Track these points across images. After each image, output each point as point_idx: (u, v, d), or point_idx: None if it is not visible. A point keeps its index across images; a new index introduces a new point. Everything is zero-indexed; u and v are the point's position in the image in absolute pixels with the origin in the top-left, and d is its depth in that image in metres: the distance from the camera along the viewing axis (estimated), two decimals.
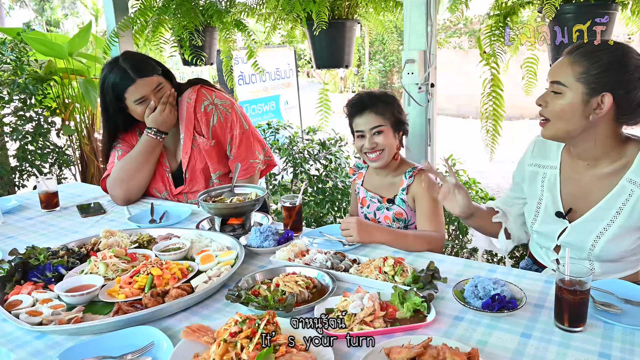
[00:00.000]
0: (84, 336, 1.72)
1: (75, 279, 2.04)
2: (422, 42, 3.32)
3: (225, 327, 1.53)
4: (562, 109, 2.05)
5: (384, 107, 2.74)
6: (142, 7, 4.26)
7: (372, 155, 2.74)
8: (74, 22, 29.35)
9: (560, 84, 2.04)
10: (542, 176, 2.36)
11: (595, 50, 2.01)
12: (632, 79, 1.97)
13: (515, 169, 2.53)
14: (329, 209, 4.87)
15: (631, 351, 1.55)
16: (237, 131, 3.19)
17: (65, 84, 5.63)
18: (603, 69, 1.97)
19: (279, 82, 7.92)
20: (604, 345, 1.58)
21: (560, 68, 2.06)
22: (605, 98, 1.98)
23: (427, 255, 2.33)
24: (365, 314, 1.69)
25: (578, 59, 2.02)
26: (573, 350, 1.56)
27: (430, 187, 2.47)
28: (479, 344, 1.61)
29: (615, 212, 2.09)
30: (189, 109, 3.15)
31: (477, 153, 3.32)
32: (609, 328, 1.67)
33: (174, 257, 2.25)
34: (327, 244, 2.44)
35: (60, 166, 5.76)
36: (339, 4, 3.81)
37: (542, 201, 2.34)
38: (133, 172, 3.12)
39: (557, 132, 2.11)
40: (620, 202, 2.09)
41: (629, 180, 2.07)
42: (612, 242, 2.11)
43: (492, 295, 1.78)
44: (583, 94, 2.00)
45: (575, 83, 2.01)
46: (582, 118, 2.03)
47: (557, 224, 2.27)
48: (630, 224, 2.08)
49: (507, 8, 3.22)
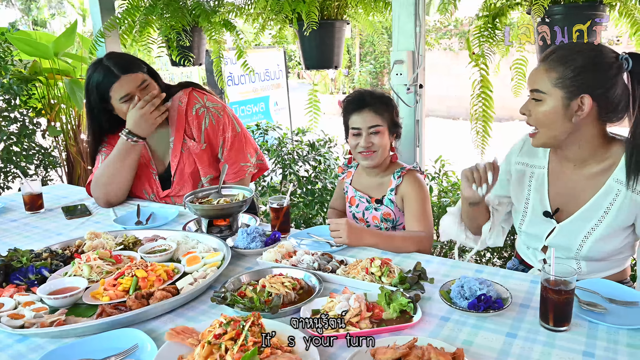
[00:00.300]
0: (66, 339, 1.71)
1: (58, 282, 2.02)
2: (410, 43, 3.32)
3: (210, 329, 1.53)
4: (545, 116, 2.08)
5: (383, 108, 2.74)
6: (129, 7, 4.22)
7: (366, 154, 2.73)
8: (61, 21, 29.17)
9: (539, 92, 2.08)
10: (529, 176, 2.37)
11: (568, 54, 2.04)
12: (608, 77, 2.00)
13: (502, 164, 2.52)
14: (318, 210, 4.87)
15: (615, 350, 1.55)
16: (229, 134, 3.17)
17: (50, 85, 5.59)
18: (578, 71, 2.00)
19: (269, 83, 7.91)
20: (588, 345, 1.58)
21: (537, 76, 2.10)
22: (585, 99, 2.01)
23: (414, 256, 2.33)
24: (351, 315, 1.69)
25: (552, 65, 2.06)
26: (558, 349, 1.57)
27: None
28: (465, 344, 1.61)
29: (603, 212, 2.12)
30: (180, 111, 3.13)
31: (467, 154, 3.31)
32: (594, 327, 1.67)
33: (159, 258, 2.24)
34: (314, 245, 2.43)
35: (46, 167, 5.71)
36: (328, 5, 3.80)
37: (529, 202, 2.35)
38: (111, 176, 3.06)
39: (547, 139, 2.14)
40: (607, 202, 2.11)
41: (616, 180, 2.09)
42: (600, 242, 2.13)
43: (478, 295, 1.78)
44: (563, 99, 2.03)
45: (553, 89, 2.05)
46: (566, 122, 2.06)
47: (545, 225, 2.28)
48: (617, 224, 2.10)
49: (496, 9, 3.22)
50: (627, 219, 2.10)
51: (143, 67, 3.01)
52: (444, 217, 2.68)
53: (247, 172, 3.22)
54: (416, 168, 2.80)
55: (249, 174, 3.23)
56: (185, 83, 3.28)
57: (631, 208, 2.07)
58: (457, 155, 4.83)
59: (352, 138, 2.76)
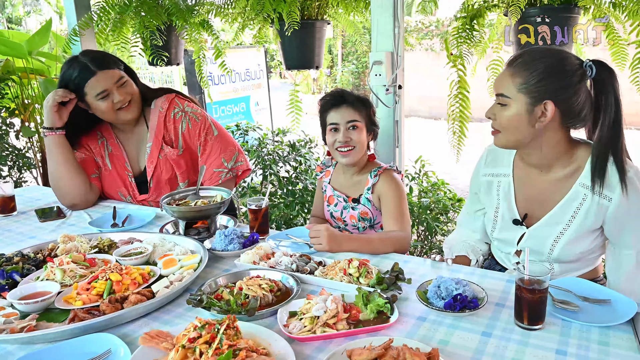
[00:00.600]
0: (37, 345, 1.69)
1: (29, 286, 1.99)
2: (389, 44, 3.33)
3: (184, 333, 1.52)
4: (509, 120, 2.10)
5: (361, 105, 2.76)
6: (104, 5, 4.19)
7: (343, 150, 2.73)
8: (37, 19, 28.84)
9: (504, 96, 2.09)
10: (496, 185, 2.40)
11: (532, 59, 2.06)
12: (571, 83, 2.02)
13: (471, 180, 2.57)
14: (299, 211, 4.87)
15: (587, 347, 1.58)
16: (205, 138, 3.16)
17: (24, 84, 5.51)
18: (541, 77, 2.02)
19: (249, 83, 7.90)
20: (561, 342, 1.60)
21: (503, 80, 2.12)
22: (548, 106, 2.03)
23: (392, 257, 2.34)
24: (328, 317, 1.69)
25: (517, 70, 2.07)
26: (531, 347, 1.59)
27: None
28: (441, 344, 1.62)
29: (570, 217, 2.14)
30: (159, 117, 3.13)
31: (448, 154, 3.33)
32: (567, 325, 1.69)
33: (135, 261, 2.21)
34: (293, 247, 2.44)
35: (20, 169, 5.65)
36: (308, 4, 3.80)
37: (498, 209, 2.38)
38: (56, 177, 3.05)
39: (508, 142, 2.17)
40: (574, 207, 2.14)
41: (582, 184, 2.11)
42: (569, 245, 2.16)
43: (454, 295, 1.80)
44: (526, 104, 2.05)
45: (517, 94, 2.06)
46: (529, 127, 2.08)
47: (515, 231, 2.31)
48: (585, 228, 2.13)
49: (474, 11, 3.24)
50: (594, 222, 2.12)
51: (120, 65, 3.00)
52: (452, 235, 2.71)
53: (221, 178, 3.17)
54: (393, 167, 2.81)
55: (223, 180, 3.18)
56: (168, 89, 3.28)
57: (598, 212, 2.09)
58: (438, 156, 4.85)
59: (330, 135, 2.77)
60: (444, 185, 4.58)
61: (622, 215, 2.07)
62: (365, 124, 2.77)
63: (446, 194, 4.49)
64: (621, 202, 2.04)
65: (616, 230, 2.14)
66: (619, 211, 2.06)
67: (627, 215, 2.07)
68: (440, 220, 4.32)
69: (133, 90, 3.00)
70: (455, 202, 4.43)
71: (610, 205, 2.06)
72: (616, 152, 2.03)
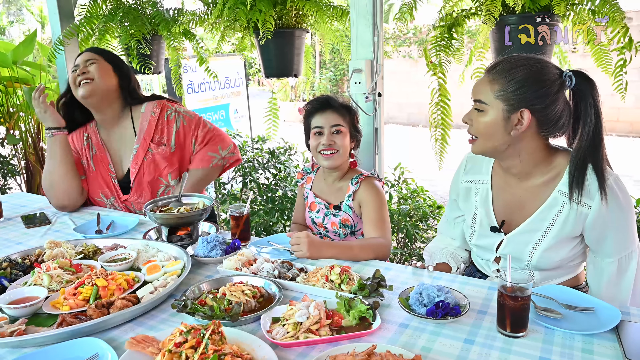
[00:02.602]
0: (26, 349, 1.70)
1: (18, 291, 2.01)
2: (369, 52, 3.35)
3: (170, 338, 1.53)
4: (485, 127, 2.10)
5: (345, 112, 2.81)
6: (88, 15, 4.20)
7: (326, 153, 2.75)
8: (20, 29, 28.79)
9: (482, 102, 2.10)
10: (475, 191, 2.41)
11: (511, 67, 2.06)
12: (549, 93, 2.02)
13: (451, 186, 2.58)
14: (279, 218, 4.87)
15: (570, 355, 1.59)
16: (201, 131, 3.28)
17: (9, 93, 5.52)
18: (519, 85, 2.02)
19: (229, 90, 7.87)
20: (544, 350, 1.61)
21: (481, 86, 2.12)
22: (524, 114, 2.03)
23: (374, 264, 2.35)
24: (311, 323, 1.69)
25: (496, 77, 2.08)
26: (514, 355, 1.59)
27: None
28: (423, 351, 1.63)
29: (549, 224, 2.15)
30: (151, 121, 3.22)
31: (427, 161, 3.34)
32: (550, 333, 1.70)
33: (119, 267, 2.23)
34: (275, 253, 2.44)
35: (5, 176, 5.65)
36: (285, 13, 3.81)
37: (476, 216, 2.39)
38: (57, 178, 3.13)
39: (484, 148, 2.17)
40: (552, 214, 2.14)
41: (560, 192, 2.12)
42: (548, 252, 2.17)
43: (436, 302, 1.80)
44: (503, 111, 2.05)
45: (495, 101, 2.06)
46: (505, 134, 2.09)
47: (493, 237, 2.33)
48: (563, 235, 2.14)
49: (452, 19, 3.26)
50: (572, 229, 2.13)
51: (108, 56, 3.20)
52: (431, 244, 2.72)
53: (212, 163, 3.28)
54: (374, 175, 2.83)
55: (214, 166, 3.30)
56: (158, 96, 3.40)
57: (576, 219, 2.10)
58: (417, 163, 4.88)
59: (314, 138, 2.80)
60: (424, 192, 4.60)
61: (601, 223, 2.07)
62: (349, 130, 2.80)
63: (426, 201, 4.52)
64: (600, 210, 2.04)
65: (596, 239, 2.14)
66: (598, 219, 2.06)
67: (606, 223, 2.07)
68: (419, 227, 4.34)
69: (99, 74, 3.10)
70: (435, 209, 4.46)
71: (590, 213, 2.06)
72: (596, 160, 2.04)
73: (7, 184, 5.74)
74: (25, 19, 29.07)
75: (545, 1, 2.83)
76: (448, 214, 2.64)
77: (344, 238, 2.87)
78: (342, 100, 2.88)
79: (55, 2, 4.48)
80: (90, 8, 4.22)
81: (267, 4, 3.59)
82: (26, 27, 28.17)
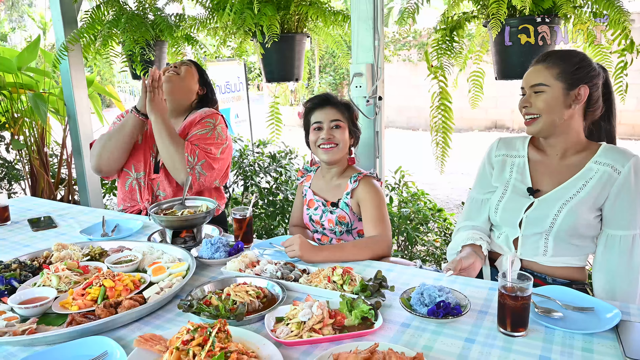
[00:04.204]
0: (38, 347, 1.73)
1: (28, 292, 2.04)
2: (369, 56, 3.37)
3: (178, 336, 1.56)
4: (548, 103, 2.31)
5: (344, 108, 2.86)
6: (91, 21, 4.22)
7: (326, 147, 2.79)
8: (22, 35, 28.83)
9: (542, 85, 2.32)
10: (510, 163, 2.55)
11: (565, 54, 2.35)
12: (596, 75, 2.33)
13: (482, 167, 2.65)
14: (280, 221, 4.89)
15: (570, 354, 1.61)
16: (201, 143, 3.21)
17: (14, 99, 5.55)
18: (576, 67, 2.30)
19: (229, 95, 7.90)
20: (545, 349, 1.63)
21: (538, 73, 2.35)
22: (582, 89, 2.29)
23: (375, 265, 2.37)
24: (314, 322, 1.72)
25: (553, 63, 2.32)
26: (515, 354, 1.62)
27: None
28: (425, 350, 1.65)
29: (580, 188, 2.30)
30: (196, 117, 3.33)
31: (427, 165, 3.34)
32: (550, 332, 1.73)
33: (126, 269, 2.26)
34: (277, 255, 2.46)
35: (10, 181, 5.67)
36: (288, 18, 3.84)
37: (510, 182, 2.51)
38: (114, 146, 3.26)
39: (544, 125, 2.35)
40: (584, 180, 2.31)
41: (595, 162, 2.31)
42: (571, 214, 2.27)
43: (437, 302, 1.83)
44: (563, 89, 2.30)
45: (555, 81, 2.30)
46: (564, 108, 2.31)
47: (523, 201, 2.43)
48: (591, 197, 2.28)
49: (454, 22, 3.28)
50: (600, 194, 2.28)
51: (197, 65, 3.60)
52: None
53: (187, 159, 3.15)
54: (372, 174, 2.85)
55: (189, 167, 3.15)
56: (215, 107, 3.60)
57: (606, 183, 2.26)
58: (417, 166, 4.89)
59: (313, 133, 2.84)
60: (424, 196, 4.62)
61: (626, 190, 2.24)
62: (348, 126, 2.85)
63: (426, 204, 4.54)
64: (628, 177, 2.24)
65: (617, 207, 2.26)
66: (624, 186, 2.24)
67: (630, 192, 2.24)
68: (420, 230, 4.36)
69: (184, 76, 3.42)
70: (436, 212, 4.48)
71: (619, 178, 2.24)
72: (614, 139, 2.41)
73: (12, 188, 5.76)
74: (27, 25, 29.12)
75: (549, 3, 2.86)
76: (475, 195, 2.66)
77: (340, 236, 2.89)
78: (341, 98, 2.93)
79: (59, 9, 4.52)
80: (93, 14, 4.24)
81: (273, 9, 3.62)
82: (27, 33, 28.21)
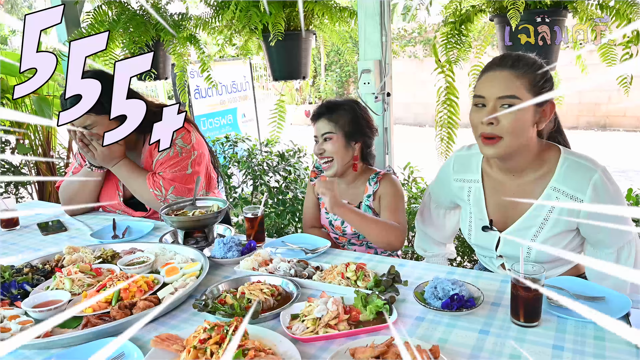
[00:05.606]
0: (53, 350, 1.73)
1: (41, 295, 2.05)
2: (377, 52, 3.38)
3: (195, 335, 1.57)
4: (518, 122, 2.01)
5: (339, 115, 2.78)
6: (94, 22, 4.21)
7: (322, 162, 2.80)
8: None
9: (514, 98, 1.99)
10: (467, 191, 2.41)
11: (533, 61, 2.05)
12: (553, 84, 2.08)
13: (441, 186, 2.59)
14: (290, 220, 4.89)
15: (583, 342, 1.62)
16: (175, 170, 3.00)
17: (18, 102, 5.55)
18: (546, 78, 2.04)
19: (236, 95, 7.91)
20: (558, 338, 1.65)
21: (507, 82, 2.02)
22: (549, 106, 2.06)
23: (388, 260, 2.38)
24: (329, 318, 1.73)
25: (524, 72, 2.01)
26: (528, 344, 1.63)
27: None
28: (440, 342, 1.66)
29: (543, 220, 2.16)
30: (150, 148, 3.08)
31: (435, 161, 3.34)
32: (562, 322, 1.74)
33: (139, 270, 2.26)
34: (289, 253, 2.47)
35: (17, 185, 5.68)
36: (294, 16, 3.84)
37: (472, 215, 2.40)
38: (73, 193, 3.19)
39: (509, 148, 2.05)
40: (546, 210, 2.15)
41: (553, 188, 2.11)
42: (545, 247, 2.19)
43: (451, 295, 1.84)
44: (535, 105, 2.01)
45: (527, 95, 2.00)
46: (531, 129, 2.06)
47: (490, 236, 2.33)
48: (558, 231, 2.15)
49: (463, 15, 3.26)
50: (567, 224, 2.14)
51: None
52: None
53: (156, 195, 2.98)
54: (390, 171, 2.85)
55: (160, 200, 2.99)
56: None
57: (570, 214, 2.09)
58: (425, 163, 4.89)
59: (314, 147, 2.84)
60: None
61: (594, 217, 2.05)
62: (343, 134, 2.77)
63: None
64: (594, 202, 2.04)
65: (591, 231, 2.15)
66: (591, 214, 2.07)
67: (599, 217, 2.04)
68: None
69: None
70: None
71: (582, 207, 2.09)
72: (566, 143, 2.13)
73: (19, 193, 5.78)
74: None
75: None
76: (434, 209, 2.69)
77: (363, 239, 2.89)
78: (342, 101, 2.86)
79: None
80: (95, 15, 4.24)
81: (278, 6, 3.62)
82: None
